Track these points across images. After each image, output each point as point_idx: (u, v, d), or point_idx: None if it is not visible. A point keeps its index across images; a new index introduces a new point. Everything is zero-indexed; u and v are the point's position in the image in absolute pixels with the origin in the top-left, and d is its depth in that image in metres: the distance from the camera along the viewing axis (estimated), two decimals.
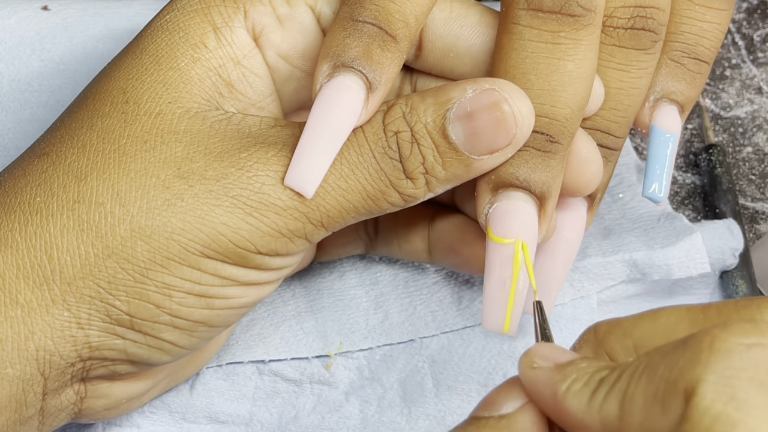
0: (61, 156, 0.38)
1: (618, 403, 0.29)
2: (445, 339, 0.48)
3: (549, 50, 0.39)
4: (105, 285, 0.37)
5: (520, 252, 0.39)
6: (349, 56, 0.37)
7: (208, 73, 0.39)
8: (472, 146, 0.38)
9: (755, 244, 0.54)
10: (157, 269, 0.37)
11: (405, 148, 0.38)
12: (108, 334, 0.37)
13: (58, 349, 0.37)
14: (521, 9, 0.39)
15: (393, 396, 0.47)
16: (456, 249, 0.45)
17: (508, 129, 0.38)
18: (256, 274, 0.39)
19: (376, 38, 0.38)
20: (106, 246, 0.37)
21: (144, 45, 0.40)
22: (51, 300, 0.37)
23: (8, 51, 0.52)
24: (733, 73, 0.58)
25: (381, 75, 0.38)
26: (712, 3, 0.43)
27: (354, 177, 0.38)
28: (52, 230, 0.37)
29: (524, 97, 0.38)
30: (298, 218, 0.37)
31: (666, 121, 0.43)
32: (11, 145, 0.51)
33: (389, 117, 0.38)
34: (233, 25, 0.40)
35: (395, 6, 0.38)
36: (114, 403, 0.40)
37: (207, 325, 0.39)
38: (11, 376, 0.36)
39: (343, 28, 0.38)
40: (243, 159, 0.37)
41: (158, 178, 0.37)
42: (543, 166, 0.39)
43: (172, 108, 0.38)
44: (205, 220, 0.37)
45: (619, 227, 0.50)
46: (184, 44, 0.39)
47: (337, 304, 0.48)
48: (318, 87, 0.37)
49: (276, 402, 0.47)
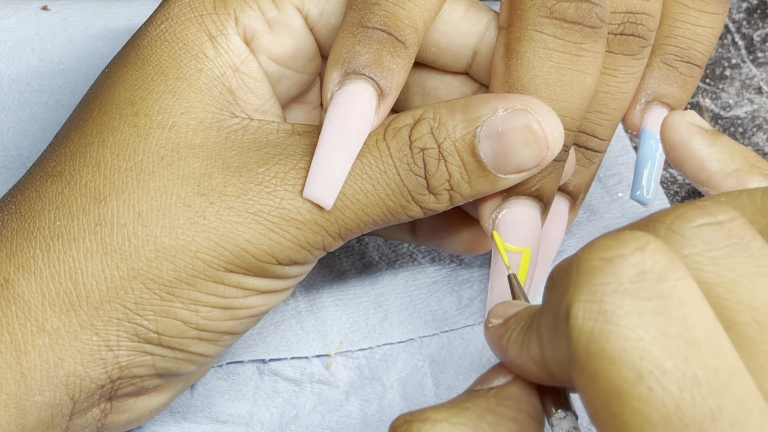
0: (76, 176, 0.38)
1: (537, 340, 0.30)
2: (445, 338, 0.48)
3: (573, 62, 0.39)
4: (132, 306, 0.37)
5: (528, 259, 0.39)
6: (359, 63, 0.37)
7: (214, 81, 0.39)
8: (500, 165, 0.38)
9: None
10: (183, 287, 0.37)
11: (431, 165, 0.38)
12: (137, 353, 0.37)
13: (88, 373, 0.37)
14: (544, 17, 0.38)
15: (393, 395, 0.47)
16: (440, 230, 0.45)
17: (540, 152, 0.38)
18: (276, 283, 0.39)
19: (386, 44, 0.37)
20: (131, 268, 0.37)
21: (145, 55, 0.39)
22: (79, 326, 0.36)
23: (8, 51, 0.52)
24: (733, 73, 0.58)
25: (392, 81, 0.37)
26: (707, 7, 0.43)
27: (375, 192, 0.38)
28: (75, 255, 0.37)
29: (556, 119, 0.38)
30: (317, 231, 0.38)
31: (656, 123, 0.43)
32: (11, 145, 0.51)
33: (416, 132, 0.38)
34: (227, 33, 0.39)
35: (404, 11, 0.38)
36: (137, 416, 0.41)
37: (231, 334, 0.39)
38: (40, 403, 0.36)
39: (352, 34, 0.38)
40: (262, 174, 0.37)
41: (179, 196, 0.37)
42: (555, 174, 0.39)
43: (186, 119, 0.38)
44: (229, 238, 0.37)
45: (618, 226, 0.50)
46: (186, 54, 0.39)
47: (337, 303, 0.48)
48: (329, 95, 0.37)
49: (276, 402, 0.47)
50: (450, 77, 0.43)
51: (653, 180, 0.43)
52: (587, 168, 0.43)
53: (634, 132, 0.44)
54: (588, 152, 0.42)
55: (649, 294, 0.27)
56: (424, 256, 0.49)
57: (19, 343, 0.36)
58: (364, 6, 0.38)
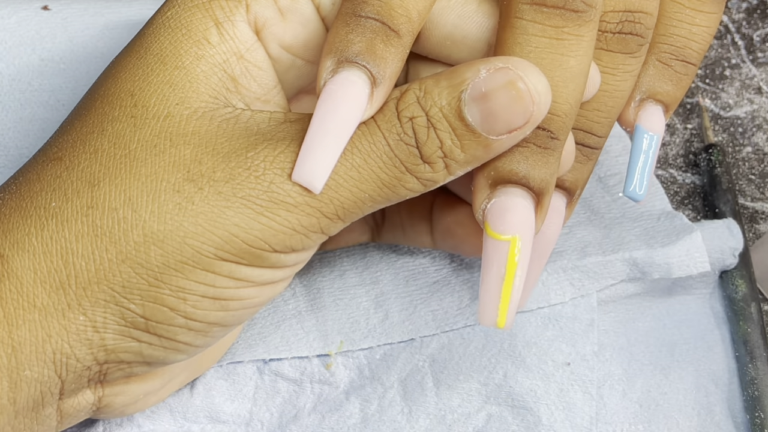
0: (74, 161, 0.38)
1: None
2: (445, 338, 0.48)
3: (552, 46, 0.38)
4: (119, 289, 0.37)
5: (516, 248, 0.39)
6: (352, 51, 0.37)
7: (214, 69, 0.39)
8: (490, 127, 0.38)
9: (755, 244, 0.54)
10: (171, 273, 0.37)
11: (421, 134, 0.38)
12: (123, 337, 0.37)
13: (74, 352, 0.37)
14: (524, 4, 0.39)
15: (393, 395, 0.47)
16: (452, 230, 0.45)
17: (526, 107, 0.37)
18: (272, 273, 0.39)
19: (379, 33, 0.37)
20: (119, 251, 0.37)
21: (147, 44, 0.40)
22: (67, 304, 0.37)
23: (8, 51, 0.52)
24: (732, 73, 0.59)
25: (385, 70, 0.37)
26: (703, 6, 0.43)
27: (367, 166, 0.38)
28: (67, 235, 0.37)
29: (539, 74, 0.38)
30: (311, 213, 0.37)
31: (650, 121, 0.43)
32: (11, 144, 0.51)
33: (403, 103, 0.38)
34: (235, 20, 0.39)
35: (397, 1, 0.38)
36: (131, 399, 0.41)
37: (221, 326, 0.39)
38: (29, 378, 0.37)
39: (345, 23, 0.38)
40: (250, 158, 0.37)
41: (168, 182, 0.37)
42: (542, 162, 0.39)
43: (180, 110, 0.38)
44: (217, 223, 0.37)
45: (619, 226, 0.50)
46: (188, 41, 0.39)
47: (338, 303, 0.48)
48: (322, 83, 0.37)
49: (276, 401, 0.47)
50: None
51: (646, 176, 0.43)
52: (584, 164, 0.43)
53: (628, 129, 0.44)
54: (585, 149, 0.42)
55: None
56: (424, 256, 0.49)
57: (12, 317, 0.36)
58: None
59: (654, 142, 0.43)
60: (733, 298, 0.51)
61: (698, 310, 0.51)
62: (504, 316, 0.39)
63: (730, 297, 0.52)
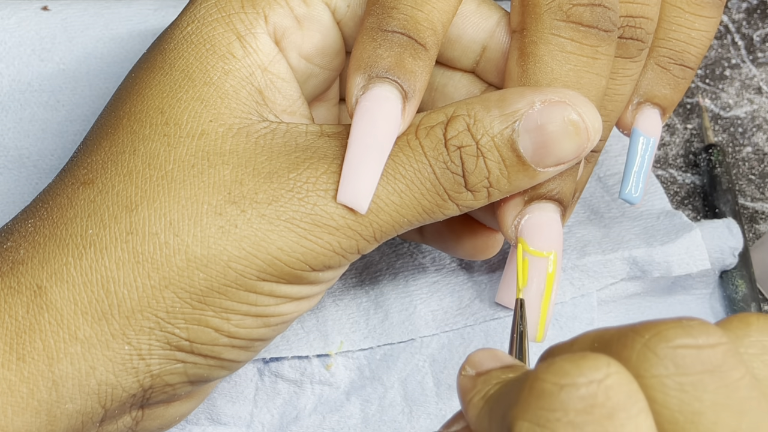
0: (108, 184, 0.38)
1: (488, 421, 0.29)
2: (445, 338, 0.48)
3: (590, 65, 0.39)
4: (163, 315, 0.37)
5: (555, 263, 0.39)
6: (382, 67, 0.37)
7: (242, 83, 0.38)
8: (540, 159, 0.38)
9: (755, 244, 0.54)
10: (215, 296, 0.37)
11: (469, 162, 0.37)
12: (169, 360, 0.37)
13: (120, 382, 0.37)
14: (560, 21, 0.38)
15: (394, 395, 0.47)
16: (442, 233, 0.45)
17: (581, 143, 0.38)
18: (309, 289, 0.39)
19: (407, 47, 0.37)
20: (162, 277, 0.36)
21: (171, 60, 0.39)
22: (111, 335, 0.36)
23: (8, 51, 0.52)
24: (732, 73, 0.59)
25: (415, 84, 0.37)
26: (702, 11, 0.43)
27: (410, 192, 0.37)
28: (107, 264, 0.36)
29: (594, 110, 0.38)
30: (351, 236, 0.37)
31: (647, 124, 0.43)
32: (11, 144, 0.51)
33: (451, 130, 0.37)
34: (256, 32, 0.39)
35: (423, 14, 0.38)
36: (168, 422, 0.41)
37: (263, 340, 0.39)
38: (71, 410, 0.36)
39: (372, 38, 0.37)
40: (293, 179, 0.37)
41: (210, 205, 0.37)
42: (572, 177, 0.40)
43: (214, 127, 0.38)
44: (261, 246, 0.37)
45: (618, 225, 0.50)
46: (213, 56, 0.39)
47: (338, 303, 0.48)
48: (354, 100, 0.37)
49: (277, 403, 0.47)
50: (459, 74, 0.43)
51: (642, 179, 0.44)
52: (585, 167, 0.43)
53: (625, 131, 0.44)
54: None
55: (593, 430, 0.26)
56: (424, 256, 0.49)
57: (52, 351, 0.36)
58: (383, 10, 0.38)
59: (650, 145, 0.43)
60: (733, 299, 0.51)
61: (698, 310, 0.51)
62: (542, 331, 0.40)
63: (730, 297, 0.52)
